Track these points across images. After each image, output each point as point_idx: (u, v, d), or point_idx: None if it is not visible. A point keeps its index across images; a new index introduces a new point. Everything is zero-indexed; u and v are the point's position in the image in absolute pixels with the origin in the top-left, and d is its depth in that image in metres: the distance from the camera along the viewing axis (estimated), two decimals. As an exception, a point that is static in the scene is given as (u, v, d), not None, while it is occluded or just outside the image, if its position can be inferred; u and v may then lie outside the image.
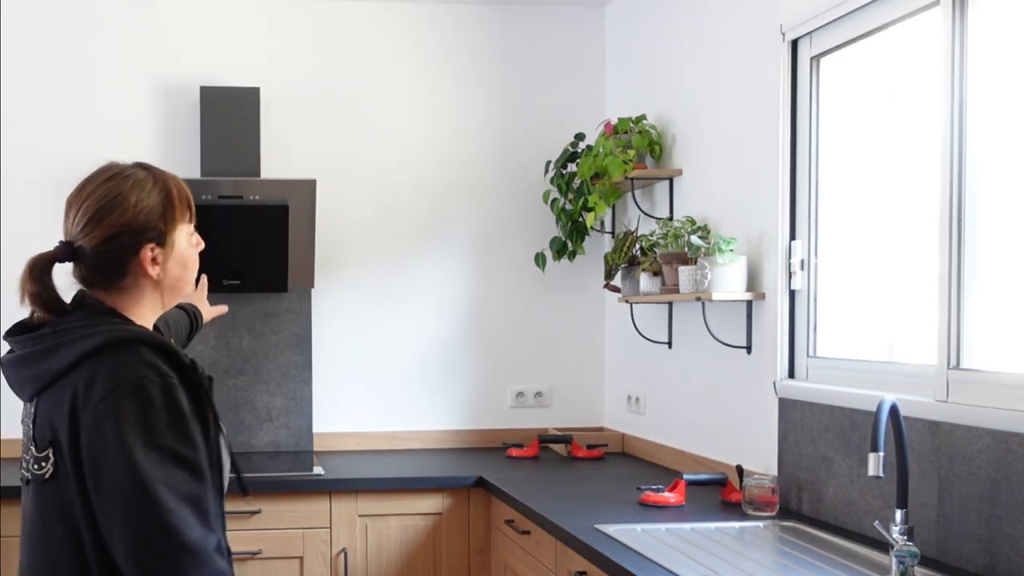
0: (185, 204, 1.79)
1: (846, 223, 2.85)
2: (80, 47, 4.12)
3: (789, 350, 2.99)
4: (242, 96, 4.07)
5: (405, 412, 4.32)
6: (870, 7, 2.63)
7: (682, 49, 3.67)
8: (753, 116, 3.14)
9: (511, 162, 4.37)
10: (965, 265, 2.33)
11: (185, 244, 1.79)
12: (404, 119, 4.31)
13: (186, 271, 1.80)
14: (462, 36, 4.34)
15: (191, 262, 1.81)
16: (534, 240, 4.34)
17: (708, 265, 3.08)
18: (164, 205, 1.75)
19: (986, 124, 2.30)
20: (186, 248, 1.79)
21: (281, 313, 4.20)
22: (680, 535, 2.65)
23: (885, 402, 2.18)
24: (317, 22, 4.26)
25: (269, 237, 3.96)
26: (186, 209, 1.79)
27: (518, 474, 3.67)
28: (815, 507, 2.80)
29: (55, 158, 4.09)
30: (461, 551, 3.66)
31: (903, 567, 2.16)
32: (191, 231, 1.81)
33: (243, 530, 3.53)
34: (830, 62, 2.89)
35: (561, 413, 4.44)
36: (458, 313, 4.35)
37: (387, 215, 4.30)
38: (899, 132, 2.66)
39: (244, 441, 4.18)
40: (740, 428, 3.22)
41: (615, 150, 3.68)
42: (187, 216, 1.80)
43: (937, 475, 2.32)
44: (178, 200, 1.78)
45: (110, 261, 1.73)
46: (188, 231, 1.80)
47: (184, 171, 4.11)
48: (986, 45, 2.30)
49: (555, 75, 4.40)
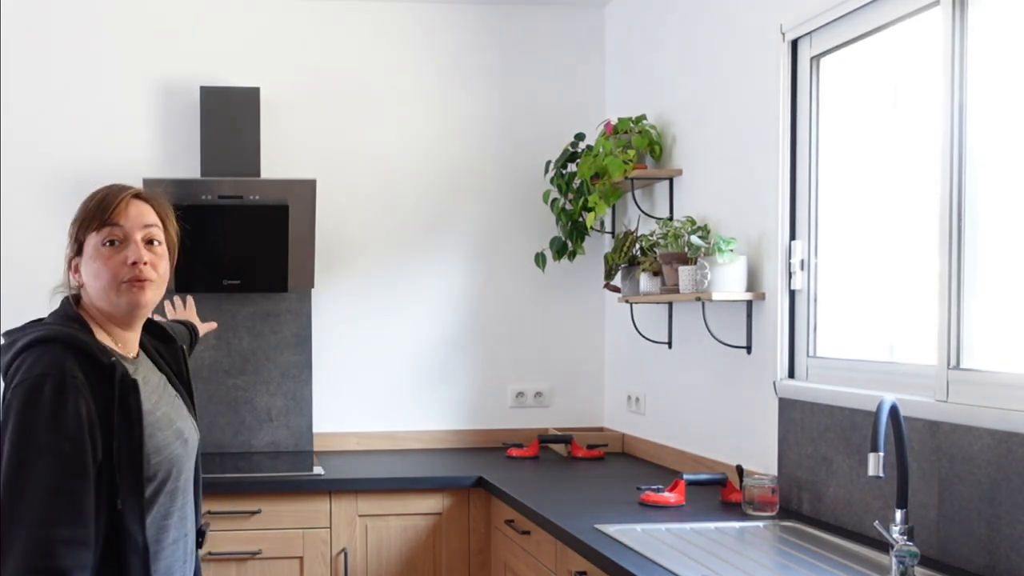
0: (94, 214, 1.88)
1: (846, 223, 2.85)
2: (80, 47, 4.12)
3: (789, 350, 2.99)
4: (242, 96, 4.07)
5: (405, 412, 4.32)
6: (870, 7, 2.63)
7: (682, 49, 3.67)
8: (753, 116, 3.14)
9: (511, 162, 4.37)
10: (965, 265, 2.33)
11: (93, 253, 1.88)
12: (404, 119, 4.31)
13: (98, 280, 1.87)
14: (462, 36, 4.34)
15: (101, 271, 1.87)
16: (534, 240, 4.34)
17: (708, 265, 3.08)
18: (82, 215, 1.89)
19: (986, 124, 2.30)
20: (95, 257, 1.87)
21: (281, 313, 4.20)
22: (680, 535, 2.65)
23: (885, 402, 2.18)
24: (317, 22, 4.26)
25: (269, 237, 3.96)
26: (95, 219, 1.88)
27: (518, 474, 3.67)
28: (815, 507, 2.80)
29: (55, 158, 4.10)
30: (461, 551, 3.66)
31: (903, 567, 2.16)
32: (102, 240, 1.87)
33: (243, 530, 3.54)
34: (830, 62, 2.88)
35: (561, 413, 4.44)
36: (458, 313, 4.35)
37: (387, 215, 4.30)
38: (899, 132, 2.66)
39: (244, 441, 4.18)
40: (740, 428, 3.22)
41: (615, 150, 3.68)
42: (95, 224, 1.88)
43: (937, 475, 2.32)
44: (89, 210, 1.89)
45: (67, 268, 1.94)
46: (98, 240, 1.88)
47: (184, 171, 4.12)
48: (986, 45, 2.30)
49: (555, 75, 4.40)
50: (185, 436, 1.96)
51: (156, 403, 1.92)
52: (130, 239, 1.89)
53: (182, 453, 1.93)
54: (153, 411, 1.88)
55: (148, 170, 4.08)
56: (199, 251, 3.93)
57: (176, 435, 1.92)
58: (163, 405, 1.94)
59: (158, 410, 1.91)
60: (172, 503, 1.91)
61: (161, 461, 1.86)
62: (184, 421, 1.99)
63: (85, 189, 1.98)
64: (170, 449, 1.89)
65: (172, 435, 1.91)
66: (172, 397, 2.01)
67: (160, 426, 1.88)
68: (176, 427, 1.93)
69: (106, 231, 1.87)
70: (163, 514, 1.89)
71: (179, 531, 1.94)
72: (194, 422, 2.06)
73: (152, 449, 1.84)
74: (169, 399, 1.98)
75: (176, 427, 1.93)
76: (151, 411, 1.87)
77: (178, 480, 1.92)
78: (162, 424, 1.89)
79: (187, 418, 2.01)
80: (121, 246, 1.88)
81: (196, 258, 3.93)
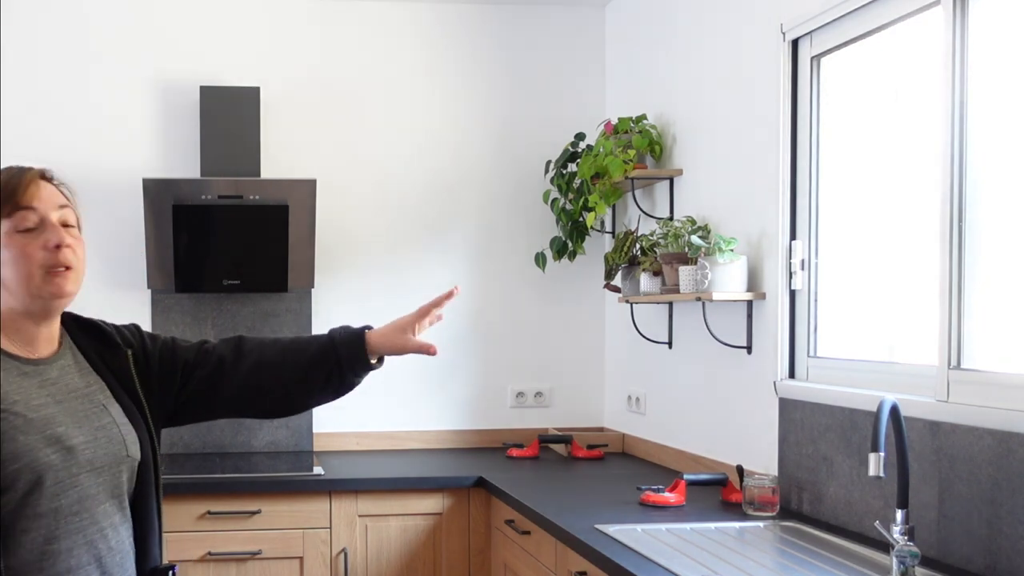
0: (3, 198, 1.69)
1: (846, 223, 2.85)
2: (80, 47, 4.12)
3: (789, 350, 2.99)
4: (242, 96, 4.07)
5: (405, 412, 4.32)
6: (870, 7, 2.63)
7: (682, 49, 3.67)
8: (753, 116, 3.14)
9: (511, 162, 4.37)
10: (965, 265, 2.33)
11: (6, 240, 1.68)
12: (404, 119, 4.31)
13: (15, 269, 1.69)
14: (463, 36, 4.34)
15: (19, 260, 1.69)
16: (534, 240, 4.34)
17: (708, 265, 3.07)
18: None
19: (987, 124, 2.30)
20: (9, 245, 1.68)
21: (281, 313, 4.20)
22: (680, 535, 2.65)
23: (885, 402, 2.17)
24: (317, 22, 4.26)
25: (269, 237, 3.96)
26: (5, 203, 1.69)
27: (518, 474, 3.66)
28: (815, 507, 2.80)
29: (55, 157, 4.05)
30: (461, 551, 3.66)
31: (904, 567, 2.16)
32: (15, 226, 1.69)
33: (243, 530, 3.54)
34: (830, 62, 2.88)
35: (561, 413, 4.43)
36: (458, 313, 4.34)
37: (387, 215, 4.30)
38: (899, 132, 2.66)
39: (244, 441, 4.18)
40: (740, 428, 3.22)
41: (615, 150, 3.68)
42: (5, 210, 1.69)
43: (938, 475, 2.32)
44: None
45: None
46: (10, 226, 1.69)
47: (184, 171, 4.12)
48: (986, 45, 2.30)
49: (555, 75, 4.40)
50: (69, 444, 1.67)
51: (39, 405, 1.68)
52: (46, 222, 1.70)
53: (60, 463, 1.65)
54: (25, 413, 1.65)
55: (148, 170, 4.08)
56: (199, 251, 3.93)
57: (49, 441, 1.65)
58: (50, 407, 1.70)
59: (34, 412, 1.67)
60: (57, 526, 1.64)
61: (20, 469, 1.61)
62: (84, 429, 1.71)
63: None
64: (32, 456, 1.62)
65: (41, 440, 1.64)
66: (90, 404, 1.76)
67: (25, 429, 1.63)
68: (54, 432, 1.66)
69: (19, 216, 1.69)
70: (45, 538, 1.63)
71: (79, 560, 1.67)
72: (135, 436, 1.80)
73: (8, 455, 1.60)
74: (79, 404, 1.75)
75: (54, 432, 1.66)
76: (21, 412, 1.65)
77: (61, 497, 1.65)
78: (30, 427, 1.64)
79: (102, 428, 1.75)
80: (38, 231, 1.70)
81: (196, 258, 3.94)
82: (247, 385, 1.96)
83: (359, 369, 1.98)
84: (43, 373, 1.74)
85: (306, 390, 1.98)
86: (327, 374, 1.96)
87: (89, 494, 1.69)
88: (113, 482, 1.74)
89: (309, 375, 1.96)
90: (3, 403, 1.64)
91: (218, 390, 1.96)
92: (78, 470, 1.68)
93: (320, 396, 2.00)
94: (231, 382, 1.95)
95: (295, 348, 1.98)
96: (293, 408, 2.04)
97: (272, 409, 2.04)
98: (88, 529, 1.69)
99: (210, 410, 2.00)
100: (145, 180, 3.84)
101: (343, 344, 1.96)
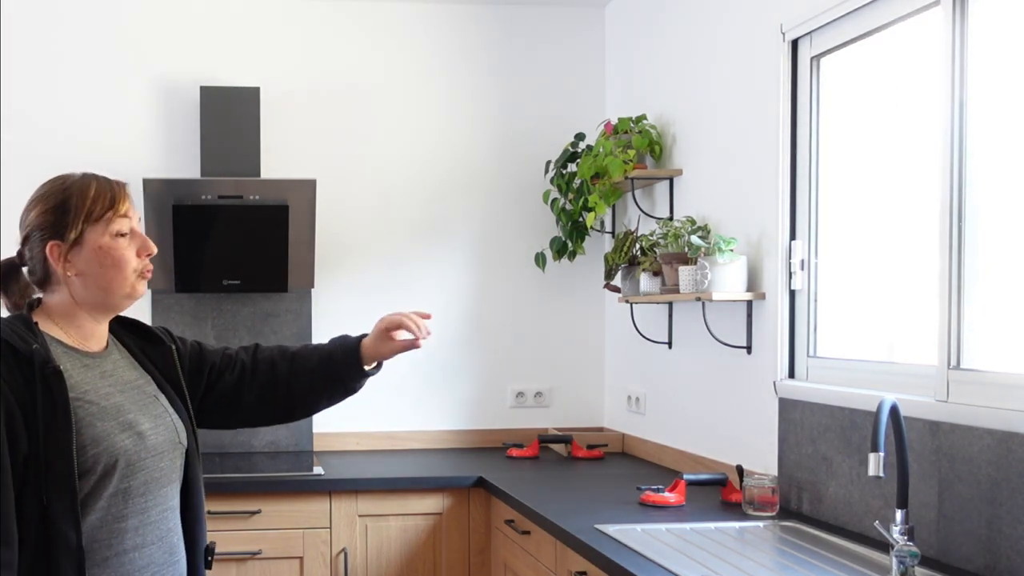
0: (106, 204, 1.86)
1: (846, 223, 2.85)
2: (80, 47, 4.12)
3: (789, 350, 2.99)
4: (242, 96, 4.07)
5: (405, 412, 4.32)
6: (870, 7, 2.63)
7: (682, 49, 3.67)
8: (753, 116, 3.14)
9: (511, 162, 4.37)
10: (965, 265, 2.33)
11: (108, 243, 1.86)
12: (404, 119, 4.31)
13: (114, 270, 1.86)
14: (462, 36, 4.34)
15: (109, 259, 1.86)
16: (534, 240, 4.34)
17: (708, 265, 3.08)
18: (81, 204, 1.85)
19: (986, 124, 2.30)
20: (110, 248, 1.86)
21: (281, 313, 4.20)
22: (680, 535, 2.65)
23: (885, 402, 2.18)
24: (317, 22, 4.26)
25: (269, 237, 3.96)
26: (108, 209, 1.86)
27: (518, 474, 3.66)
28: (815, 507, 2.80)
29: (55, 157, 4.08)
30: (461, 551, 3.66)
31: (903, 567, 2.16)
32: (115, 231, 1.87)
33: (243, 530, 3.54)
34: (830, 62, 2.89)
35: (561, 413, 4.44)
36: (458, 313, 4.34)
37: (387, 215, 4.30)
38: (899, 132, 2.66)
39: (244, 441, 4.18)
40: (740, 428, 3.22)
41: (615, 150, 3.68)
42: (107, 215, 1.86)
43: (937, 475, 2.32)
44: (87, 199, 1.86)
45: (33, 261, 1.89)
46: (108, 231, 1.86)
47: (184, 171, 4.12)
48: (986, 45, 2.30)
49: (555, 75, 4.40)
50: (140, 430, 1.83)
51: (107, 394, 1.83)
52: (135, 231, 1.90)
53: (132, 448, 1.81)
54: (98, 401, 1.80)
55: (148, 170, 4.07)
56: (199, 251, 3.93)
57: (123, 427, 1.81)
58: (116, 396, 1.84)
59: (105, 400, 1.81)
60: (126, 505, 1.80)
61: (99, 453, 1.76)
62: (147, 416, 1.87)
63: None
64: (111, 440, 1.78)
65: (116, 426, 1.80)
66: (144, 395, 1.91)
67: (102, 416, 1.79)
68: (126, 419, 1.82)
69: (118, 222, 1.87)
70: (115, 516, 1.79)
71: (144, 539, 1.83)
72: (183, 425, 1.96)
73: (89, 439, 1.75)
74: (136, 395, 1.89)
75: (126, 419, 1.82)
76: (94, 400, 1.79)
77: (131, 479, 1.81)
78: (105, 414, 1.79)
79: (159, 416, 1.90)
80: (128, 237, 1.89)
81: (196, 258, 3.94)
82: (264, 394, 2.14)
83: (357, 376, 2.16)
84: (100, 366, 1.88)
85: (314, 398, 2.18)
86: (331, 383, 2.16)
87: (153, 477, 1.85)
88: (171, 467, 1.91)
89: (315, 384, 2.16)
90: (76, 392, 1.78)
91: (241, 396, 2.13)
92: (146, 454, 1.84)
93: (327, 403, 2.20)
94: (251, 390, 2.13)
95: (302, 358, 2.16)
96: (306, 413, 2.26)
97: (284, 417, 2.23)
98: (152, 511, 1.85)
99: (227, 416, 2.16)
100: (145, 180, 3.84)
101: (340, 355, 2.14)
